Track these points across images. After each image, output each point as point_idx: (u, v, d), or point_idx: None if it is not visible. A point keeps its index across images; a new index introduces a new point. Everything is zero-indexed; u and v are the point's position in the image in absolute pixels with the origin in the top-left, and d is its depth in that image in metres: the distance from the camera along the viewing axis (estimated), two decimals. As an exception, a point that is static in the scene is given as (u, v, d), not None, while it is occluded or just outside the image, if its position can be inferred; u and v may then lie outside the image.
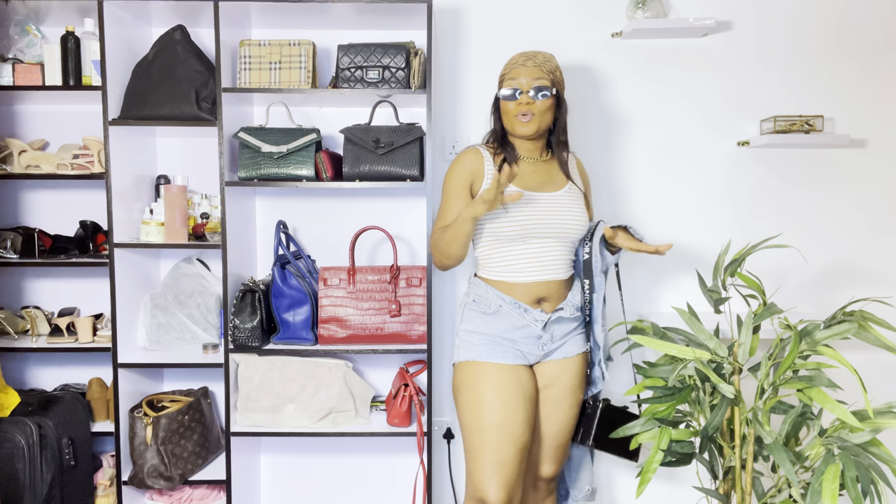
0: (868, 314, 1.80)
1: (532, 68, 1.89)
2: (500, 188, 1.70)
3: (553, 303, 1.93)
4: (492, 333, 1.90)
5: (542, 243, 1.89)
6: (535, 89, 1.88)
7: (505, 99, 1.91)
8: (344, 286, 2.21)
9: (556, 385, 1.95)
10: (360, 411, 2.27)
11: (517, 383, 1.86)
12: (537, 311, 1.90)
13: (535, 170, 1.95)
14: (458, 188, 1.92)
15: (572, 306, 1.94)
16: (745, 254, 1.87)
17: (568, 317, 1.94)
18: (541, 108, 1.89)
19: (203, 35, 2.39)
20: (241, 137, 2.18)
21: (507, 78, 1.92)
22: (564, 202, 1.92)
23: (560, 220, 1.90)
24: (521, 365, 1.90)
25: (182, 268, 2.39)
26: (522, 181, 1.91)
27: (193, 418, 2.26)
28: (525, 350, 1.91)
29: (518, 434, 1.82)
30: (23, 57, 2.29)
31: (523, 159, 1.96)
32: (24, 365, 2.49)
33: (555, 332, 1.93)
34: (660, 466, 1.83)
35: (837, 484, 1.58)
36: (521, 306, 1.89)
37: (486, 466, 1.79)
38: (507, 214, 1.87)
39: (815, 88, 2.42)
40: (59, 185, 2.44)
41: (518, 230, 1.87)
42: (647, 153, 2.44)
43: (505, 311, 1.90)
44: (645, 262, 2.44)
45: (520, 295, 1.90)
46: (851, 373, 1.69)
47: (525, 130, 1.90)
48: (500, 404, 1.82)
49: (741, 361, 1.84)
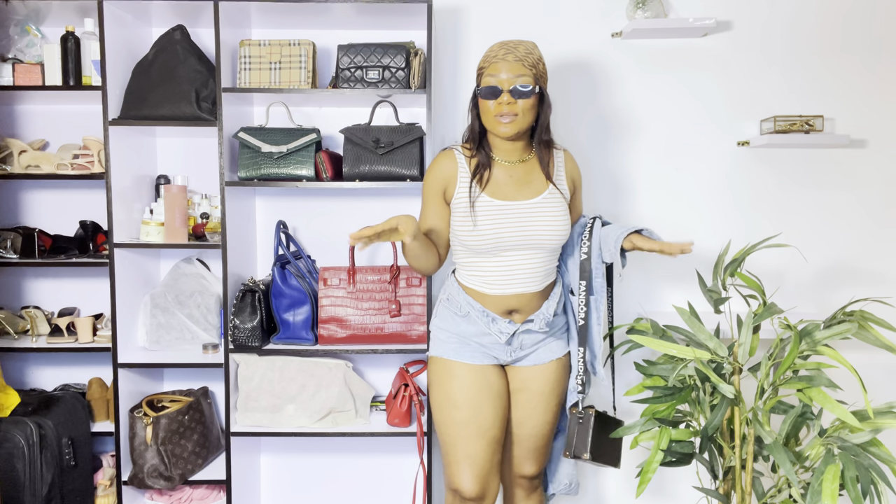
0: (868, 314, 1.80)
1: (513, 63, 1.75)
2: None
3: (524, 314, 1.88)
4: (460, 334, 1.88)
5: (515, 255, 1.83)
6: (514, 91, 1.75)
7: (483, 97, 1.79)
8: (344, 286, 2.21)
9: (529, 390, 1.92)
10: (360, 411, 2.27)
11: (484, 381, 1.86)
12: (504, 322, 1.86)
13: (513, 174, 1.86)
14: (431, 195, 1.88)
15: (543, 320, 1.88)
16: (745, 254, 1.87)
17: (536, 330, 1.88)
18: (522, 108, 1.76)
19: (203, 35, 2.39)
20: (241, 137, 2.18)
21: (486, 73, 1.78)
22: (542, 209, 1.83)
23: (536, 229, 1.81)
24: (490, 364, 1.89)
25: (182, 268, 2.39)
26: (496, 190, 1.83)
27: (193, 418, 2.26)
28: (493, 353, 1.89)
29: (486, 428, 1.83)
30: (23, 57, 2.29)
31: (500, 163, 1.86)
32: (24, 365, 2.49)
33: (524, 342, 1.90)
34: (660, 466, 1.83)
35: (837, 484, 1.58)
36: (489, 315, 1.86)
37: (458, 460, 1.84)
38: (477, 227, 1.80)
39: (816, 88, 2.42)
40: (59, 185, 2.44)
41: (488, 243, 1.81)
42: (647, 153, 2.44)
43: (473, 317, 1.87)
44: (645, 262, 2.44)
45: (490, 304, 1.86)
46: (851, 373, 1.68)
47: (505, 131, 1.78)
48: (466, 401, 1.84)
49: (741, 361, 1.84)
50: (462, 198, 1.83)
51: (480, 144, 1.86)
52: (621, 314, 2.46)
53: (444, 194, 1.87)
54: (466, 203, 1.82)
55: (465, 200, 1.82)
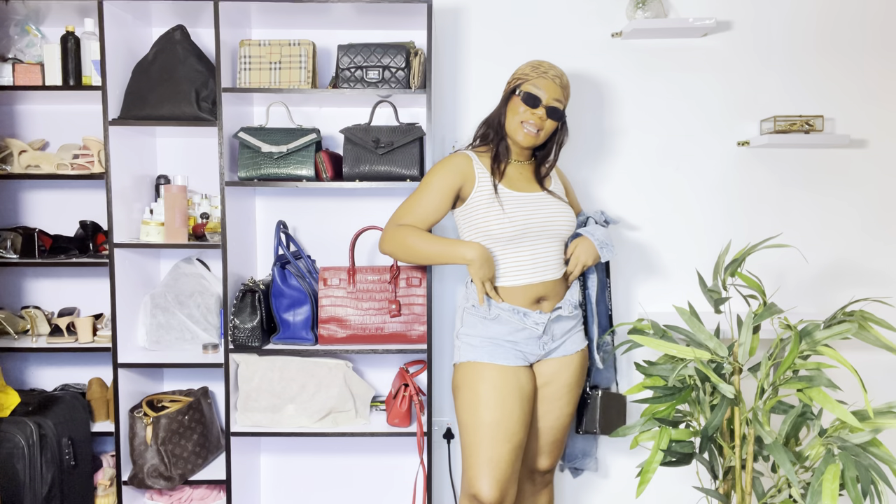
0: (868, 314, 1.80)
1: (557, 87, 1.90)
2: (491, 294, 1.87)
3: (552, 301, 1.94)
4: (493, 337, 1.90)
5: (537, 243, 1.90)
6: (551, 109, 1.89)
7: (524, 101, 1.89)
8: (344, 286, 2.21)
9: (555, 383, 1.96)
10: (360, 411, 2.27)
11: (515, 383, 1.87)
12: (536, 314, 1.90)
13: (522, 172, 1.98)
14: (441, 187, 1.91)
15: (570, 304, 1.96)
16: (745, 254, 1.87)
17: (567, 315, 1.95)
18: (548, 127, 1.91)
19: (203, 35, 2.39)
20: (241, 137, 2.18)
21: (531, 83, 1.90)
22: (553, 200, 1.95)
23: (553, 217, 1.92)
24: (521, 366, 1.90)
25: (182, 268, 2.39)
26: (511, 183, 1.93)
27: (193, 418, 2.26)
28: (526, 350, 1.92)
29: (513, 432, 1.83)
30: (23, 57, 2.29)
31: (511, 162, 1.97)
32: (24, 365, 2.49)
33: (555, 332, 1.95)
34: (660, 466, 1.83)
35: (837, 484, 1.57)
36: (519, 311, 1.89)
37: (480, 464, 1.81)
38: (506, 214, 1.87)
39: (816, 88, 2.42)
40: (59, 185, 2.44)
41: (514, 230, 1.87)
42: (647, 153, 2.44)
43: (504, 318, 1.90)
44: (644, 261, 2.44)
45: (518, 299, 1.90)
46: (851, 373, 1.68)
47: (525, 142, 1.91)
48: (496, 403, 1.83)
49: (741, 361, 1.84)
50: (485, 190, 1.90)
51: (501, 138, 1.96)
52: (622, 314, 2.46)
53: (457, 191, 1.92)
54: (491, 194, 1.88)
55: (488, 193, 1.89)
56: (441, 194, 1.91)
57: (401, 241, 1.90)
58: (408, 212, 1.92)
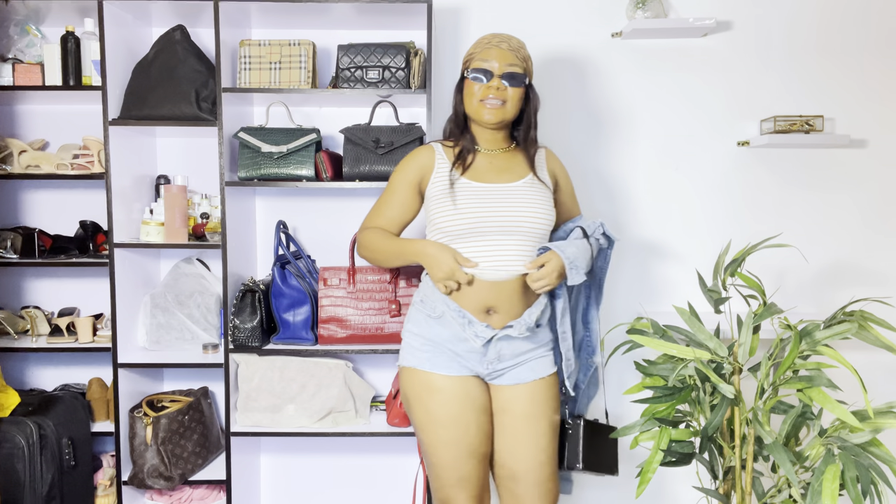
0: (868, 314, 1.80)
1: (507, 52, 1.74)
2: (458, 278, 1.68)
3: (503, 316, 1.73)
4: (434, 340, 1.75)
5: (495, 240, 1.71)
6: (507, 75, 1.73)
7: (473, 80, 1.75)
8: (344, 286, 2.21)
9: (512, 412, 1.76)
10: (360, 411, 2.27)
11: (466, 395, 1.73)
12: (481, 326, 1.72)
13: (493, 161, 1.81)
14: (402, 183, 1.82)
15: (524, 325, 1.73)
16: (745, 254, 1.87)
17: (516, 336, 1.73)
18: (512, 96, 1.75)
19: (203, 35, 2.39)
20: (241, 137, 2.18)
21: (478, 58, 1.76)
22: (523, 193, 1.75)
23: (517, 212, 1.72)
24: (469, 376, 1.75)
25: (182, 268, 2.39)
26: (476, 174, 1.77)
27: (193, 418, 2.26)
28: (469, 364, 1.75)
29: (475, 446, 1.73)
30: (23, 57, 2.29)
31: (482, 151, 1.82)
32: (24, 365, 2.49)
33: (503, 352, 1.75)
34: (660, 466, 1.83)
35: (837, 484, 1.58)
36: (465, 316, 1.72)
37: (451, 484, 1.73)
38: (457, 208, 1.71)
39: (816, 88, 2.42)
40: (59, 185, 2.44)
41: (467, 224, 1.71)
42: (647, 153, 2.44)
43: (448, 319, 1.73)
44: (644, 261, 2.44)
45: (467, 302, 1.72)
46: (851, 373, 1.68)
47: (491, 118, 1.75)
48: (451, 420, 1.71)
49: (741, 361, 1.84)
50: (440, 181, 1.77)
51: (464, 131, 1.82)
52: (622, 314, 2.46)
53: (418, 185, 1.82)
54: (445, 187, 1.75)
55: (443, 184, 1.76)
56: (403, 191, 1.81)
57: (366, 245, 1.83)
58: (376, 214, 1.85)
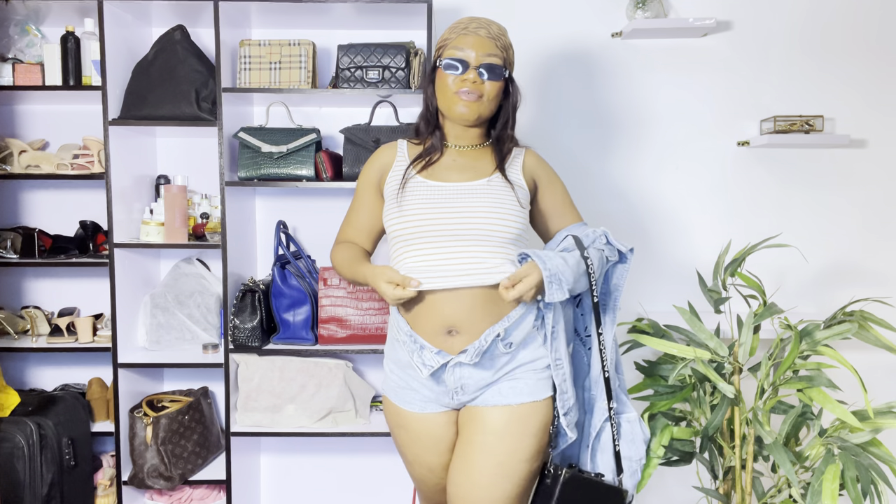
0: (868, 314, 1.80)
1: (485, 39, 1.50)
2: (399, 295, 1.44)
3: (466, 337, 1.47)
4: (399, 363, 1.56)
5: (448, 246, 1.47)
6: (485, 67, 1.50)
7: (446, 70, 1.51)
8: (344, 286, 2.21)
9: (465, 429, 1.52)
10: (360, 411, 2.27)
11: (428, 437, 1.54)
12: (430, 353, 1.47)
13: (458, 158, 1.59)
14: (364, 186, 1.65)
15: (477, 350, 1.45)
16: (745, 254, 1.88)
17: (467, 363, 1.46)
18: (489, 91, 1.51)
19: (203, 35, 2.39)
20: (241, 137, 2.18)
21: (452, 45, 1.52)
22: (482, 193, 1.51)
23: (472, 214, 1.48)
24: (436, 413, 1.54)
25: (182, 268, 2.39)
26: (435, 173, 1.56)
27: (193, 418, 2.26)
28: (434, 396, 1.53)
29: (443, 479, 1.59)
30: (23, 57, 2.29)
31: (450, 147, 1.60)
32: (24, 365, 2.49)
33: (465, 383, 1.49)
34: (660, 465, 1.83)
35: (837, 484, 1.58)
36: (416, 341, 1.48)
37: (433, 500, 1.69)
38: (401, 209, 1.50)
39: (816, 88, 2.42)
40: (59, 185, 2.44)
41: (412, 228, 1.49)
42: (646, 153, 2.44)
43: (401, 342, 1.52)
44: (644, 261, 2.44)
45: (423, 322, 1.48)
46: (851, 373, 1.69)
47: (465, 112, 1.51)
48: (415, 458, 1.60)
49: (741, 361, 1.84)
50: (393, 181, 1.58)
51: (435, 129, 1.61)
52: (621, 314, 2.46)
53: (378, 186, 1.64)
54: (397, 186, 1.56)
55: (395, 185, 1.57)
56: (366, 195, 1.65)
57: (335, 266, 1.67)
58: (346, 223, 1.70)
